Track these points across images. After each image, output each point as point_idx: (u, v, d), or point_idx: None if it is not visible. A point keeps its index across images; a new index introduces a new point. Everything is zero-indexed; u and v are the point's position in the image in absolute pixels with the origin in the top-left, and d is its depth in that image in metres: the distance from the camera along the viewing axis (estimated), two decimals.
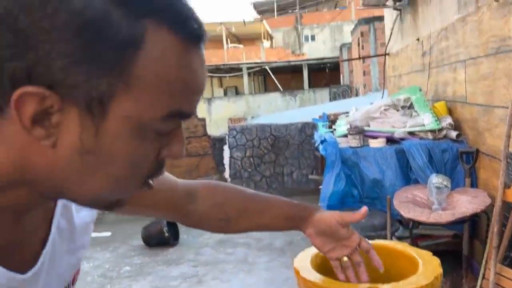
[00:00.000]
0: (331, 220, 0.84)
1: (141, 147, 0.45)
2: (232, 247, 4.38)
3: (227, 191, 0.88)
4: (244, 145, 6.19)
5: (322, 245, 0.87)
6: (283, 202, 0.89)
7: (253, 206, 0.88)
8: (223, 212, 0.86)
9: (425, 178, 2.79)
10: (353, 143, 3.06)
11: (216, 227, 0.90)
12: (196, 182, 0.89)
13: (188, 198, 0.84)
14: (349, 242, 0.86)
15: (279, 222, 0.89)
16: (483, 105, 2.65)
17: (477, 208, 2.31)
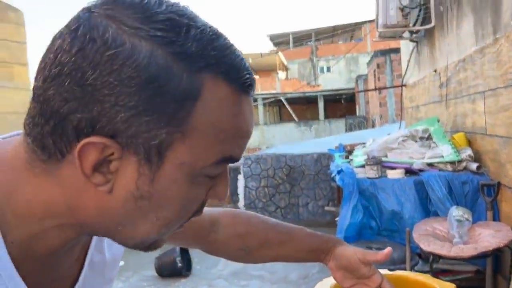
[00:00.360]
0: (353, 257, 0.82)
1: (193, 191, 0.47)
2: (246, 280, 4.29)
3: (249, 221, 0.87)
4: (259, 175, 6.18)
5: (343, 280, 0.85)
6: (305, 234, 0.87)
7: (275, 237, 0.86)
8: (244, 243, 0.86)
9: (445, 211, 2.72)
10: (370, 174, 3.02)
11: (235, 256, 0.89)
12: (218, 211, 0.88)
13: (211, 227, 0.84)
14: (370, 282, 0.83)
15: (301, 255, 0.88)
16: (504, 136, 2.60)
17: (500, 242, 2.23)
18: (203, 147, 0.44)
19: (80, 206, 0.45)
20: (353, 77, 21.22)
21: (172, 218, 0.48)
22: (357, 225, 2.88)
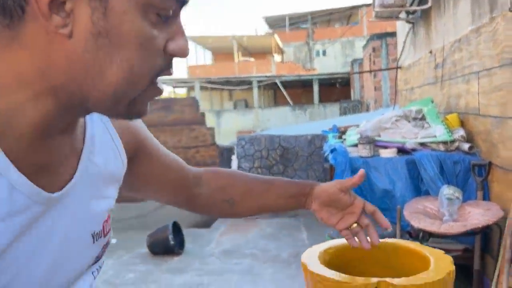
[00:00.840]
0: (331, 188, 0.86)
1: (148, 29, 0.49)
2: (238, 258, 4.33)
3: (230, 174, 0.91)
4: (252, 156, 6.18)
5: (329, 217, 0.88)
6: (285, 181, 0.91)
7: (256, 187, 0.89)
8: (227, 194, 0.88)
9: (436, 190, 2.74)
10: (363, 153, 3.03)
11: (220, 209, 0.91)
12: (201, 168, 0.91)
13: (195, 181, 0.87)
14: (354, 208, 0.87)
15: (283, 201, 0.90)
16: (497, 116, 2.60)
17: (489, 220, 2.25)
18: None
19: (49, 64, 0.47)
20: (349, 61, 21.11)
21: (135, 60, 0.48)
22: None
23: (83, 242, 0.61)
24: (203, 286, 3.67)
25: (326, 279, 0.84)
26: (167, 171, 0.81)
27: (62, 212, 0.56)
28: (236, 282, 3.73)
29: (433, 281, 0.80)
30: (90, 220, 0.62)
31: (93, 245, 0.63)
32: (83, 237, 0.61)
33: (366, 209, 0.87)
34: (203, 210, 0.90)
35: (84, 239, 0.61)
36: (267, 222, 5.58)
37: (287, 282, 3.61)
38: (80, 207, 0.59)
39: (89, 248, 0.62)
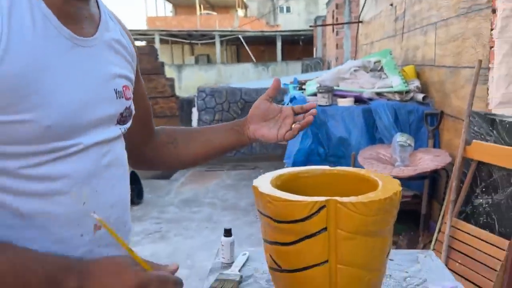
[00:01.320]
0: (258, 102, 0.94)
1: None
2: (197, 206, 4.36)
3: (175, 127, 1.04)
4: (213, 108, 6.11)
5: (270, 131, 0.94)
6: (219, 124, 1.02)
7: (195, 129, 1.01)
8: (171, 137, 0.97)
9: (390, 138, 2.82)
10: (322, 102, 3.05)
11: (168, 153, 0.97)
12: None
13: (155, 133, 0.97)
14: (285, 112, 0.93)
15: (222, 134, 0.97)
16: (451, 66, 2.67)
17: (438, 165, 2.36)
18: None
19: None
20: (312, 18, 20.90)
21: None
22: (305, 150, 2.94)
23: (108, 92, 0.71)
24: (161, 233, 3.69)
25: (276, 198, 0.84)
26: (144, 102, 0.91)
27: (85, 56, 0.67)
28: (195, 229, 3.78)
29: (380, 199, 0.82)
30: (110, 77, 0.72)
31: (116, 100, 0.73)
32: (107, 87, 0.71)
33: (295, 109, 0.94)
34: (150, 162, 0.98)
35: (108, 90, 0.71)
36: (227, 174, 5.62)
37: (245, 229, 3.69)
38: (101, 61, 0.71)
39: (114, 102, 0.72)
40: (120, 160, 0.76)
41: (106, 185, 0.70)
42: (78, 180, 0.65)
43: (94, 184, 0.67)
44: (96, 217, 0.61)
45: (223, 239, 1.21)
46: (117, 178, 0.73)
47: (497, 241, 1.95)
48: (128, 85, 0.78)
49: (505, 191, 2.01)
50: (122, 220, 0.75)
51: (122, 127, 0.76)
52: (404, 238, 2.99)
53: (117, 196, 0.73)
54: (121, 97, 0.74)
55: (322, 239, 0.82)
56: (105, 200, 0.70)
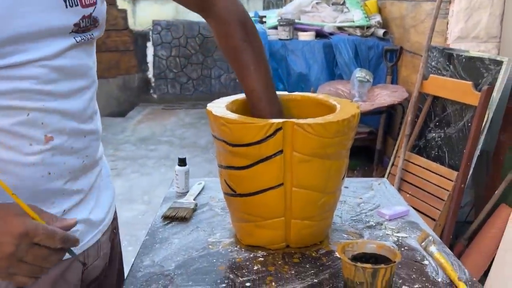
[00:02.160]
0: None
1: None
2: (154, 144, 4.28)
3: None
4: (169, 43, 5.85)
5: None
6: None
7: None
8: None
9: (349, 74, 2.81)
10: (282, 35, 2.96)
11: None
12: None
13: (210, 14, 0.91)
14: None
15: None
16: (413, 0, 2.63)
17: (394, 100, 2.38)
18: None
19: None
20: None
21: None
22: None
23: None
24: (117, 170, 3.62)
25: (230, 121, 0.80)
26: None
27: None
28: (152, 166, 3.73)
29: (338, 120, 0.79)
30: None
31: (65, 10, 0.64)
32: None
33: None
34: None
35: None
36: (186, 112, 5.52)
37: (204, 165, 3.68)
38: None
39: (60, 11, 0.63)
40: (79, 71, 0.69)
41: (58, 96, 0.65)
42: (23, 96, 0.61)
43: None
44: None
45: (177, 168, 1.17)
46: (76, 89, 0.68)
47: (446, 172, 2.03)
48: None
49: (457, 125, 2.07)
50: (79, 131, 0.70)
51: (80, 36, 0.67)
52: (358, 173, 3.08)
53: (74, 106, 0.68)
54: (74, 5, 0.65)
55: (278, 162, 0.80)
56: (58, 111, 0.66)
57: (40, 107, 0.63)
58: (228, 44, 0.90)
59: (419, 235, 0.92)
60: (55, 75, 0.64)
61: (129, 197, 3.13)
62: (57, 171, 0.67)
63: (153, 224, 1.00)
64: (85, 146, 0.72)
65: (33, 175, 0.64)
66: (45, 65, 0.63)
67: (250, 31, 0.90)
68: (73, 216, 0.69)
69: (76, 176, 0.71)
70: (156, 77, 5.95)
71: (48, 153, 0.65)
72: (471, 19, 2.13)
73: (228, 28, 0.89)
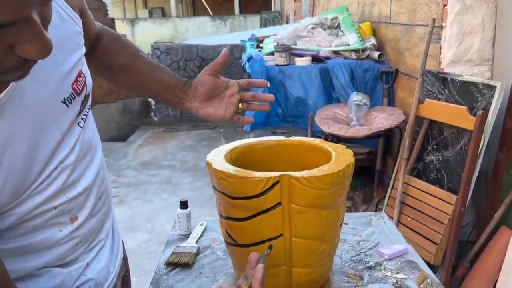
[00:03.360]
0: (203, 76, 0.87)
1: None
2: (156, 169, 4.31)
3: (125, 44, 0.92)
4: (169, 66, 5.91)
5: (216, 110, 0.88)
6: (168, 71, 0.92)
7: (140, 64, 0.90)
8: (110, 61, 0.89)
9: (346, 97, 2.84)
10: (279, 61, 3.01)
11: (103, 72, 0.91)
12: (102, 27, 0.92)
13: (96, 37, 0.88)
14: (232, 89, 0.88)
15: (159, 87, 0.89)
16: (406, 24, 2.68)
17: (392, 124, 2.41)
18: None
19: None
20: None
21: None
22: (263, 112, 2.92)
23: (56, 112, 0.62)
24: (120, 197, 3.64)
25: (229, 175, 0.83)
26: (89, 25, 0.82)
27: (28, 87, 0.56)
28: (154, 192, 3.75)
29: (333, 172, 0.82)
30: (55, 91, 0.62)
31: (68, 109, 0.64)
32: (54, 107, 0.62)
33: (241, 84, 0.89)
34: (93, 68, 0.86)
35: (56, 108, 0.62)
36: (186, 134, 5.56)
37: (206, 189, 3.70)
38: (43, 79, 0.59)
39: (65, 114, 0.63)
40: (88, 148, 0.70)
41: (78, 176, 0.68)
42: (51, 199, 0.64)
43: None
44: None
45: (179, 211, 1.20)
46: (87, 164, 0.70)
47: (446, 196, 2.04)
48: (79, 68, 0.67)
49: (454, 148, 2.09)
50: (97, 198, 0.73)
51: (82, 119, 0.68)
52: (360, 193, 3.10)
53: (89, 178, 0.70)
54: (72, 100, 0.64)
55: (277, 213, 0.82)
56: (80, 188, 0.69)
57: (65, 200, 0.65)
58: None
59: (417, 277, 0.94)
60: (71, 168, 0.66)
61: (132, 225, 3.14)
62: (83, 239, 0.70)
63: (157, 272, 1.02)
64: (102, 206, 0.75)
65: (63, 249, 0.67)
66: (64, 167, 0.64)
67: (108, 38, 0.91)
68: (94, 266, 0.73)
69: (97, 233, 0.75)
70: None
71: (75, 231, 0.68)
72: (463, 44, 2.17)
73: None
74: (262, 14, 17.86)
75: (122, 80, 0.91)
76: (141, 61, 0.90)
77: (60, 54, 0.64)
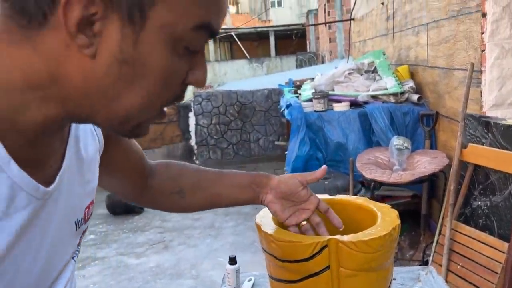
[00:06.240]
0: (292, 180, 0.85)
1: (174, 62, 0.47)
2: (198, 214, 4.39)
3: (181, 165, 0.89)
4: (210, 112, 6.13)
5: (282, 211, 0.86)
6: (236, 171, 0.88)
7: (206, 176, 0.87)
8: (177, 185, 0.85)
9: (386, 141, 2.85)
10: (317, 107, 3.07)
11: (171, 202, 0.87)
12: (154, 161, 0.89)
13: (150, 172, 0.85)
14: (308, 205, 0.86)
15: (235, 190, 0.86)
16: (444, 68, 2.70)
17: (435, 168, 2.38)
18: (181, 9, 0.44)
19: (63, 74, 0.44)
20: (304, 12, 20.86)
21: (153, 90, 0.47)
22: (304, 157, 2.96)
23: (69, 231, 0.59)
24: (165, 243, 3.72)
25: (279, 239, 0.87)
26: (130, 159, 0.80)
27: (55, 205, 0.54)
28: (197, 237, 3.81)
29: (380, 236, 0.84)
30: (75, 208, 0.60)
31: (75, 232, 0.61)
32: (69, 227, 0.59)
33: (319, 207, 0.87)
34: (152, 202, 0.87)
35: (70, 228, 0.59)
36: None
37: (248, 234, 3.72)
38: (68, 197, 0.58)
39: (73, 236, 0.61)
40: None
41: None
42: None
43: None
44: None
45: (229, 267, 1.24)
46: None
47: (497, 243, 1.98)
48: (92, 198, 0.66)
49: (503, 194, 2.04)
50: None
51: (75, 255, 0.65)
52: (406, 238, 3.03)
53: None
54: (81, 225, 0.62)
55: (326, 277, 0.85)
56: None
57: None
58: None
59: None
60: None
61: (178, 271, 3.19)
62: None
63: None
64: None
65: None
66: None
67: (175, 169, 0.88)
68: None
69: None
70: (199, 145, 6.19)
71: None
72: (504, 88, 2.16)
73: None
74: (297, 55, 18.23)
75: (197, 200, 0.87)
76: (208, 173, 0.87)
77: (89, 172, 0.64)
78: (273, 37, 21.86)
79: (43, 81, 0.45)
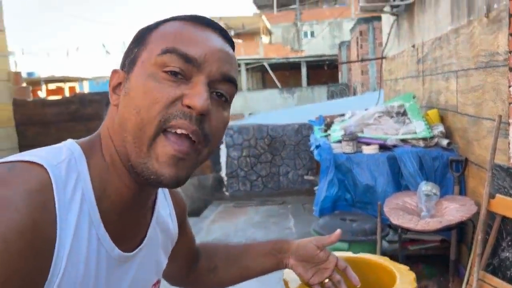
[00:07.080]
0: (309, 245, 0.95)
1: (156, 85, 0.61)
2: None
3: (214, 244, 1.04)
4: (241, 145, 6.27)
5: (305, 272, 0.95)
6: (260, 242, 1.01)
7: (235, 250, 1.00)
8: (212, 262, 0.98)
9: (415, 185, 2.88)
10: (347, 149, 3.15)
11: (205, 282, 0.99)
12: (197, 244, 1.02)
13: (197, 255, 0.99)
14: (328, 264, 0.95)
15: (261, 260, 0.97)
16: (473, 115, 2.73)
17: (463, 216, 2.40)
18: (154, 44, 0.64)
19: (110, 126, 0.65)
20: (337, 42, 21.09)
21: (142, 105, 0.61)
22: (332, 197, 3.03)
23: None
24: None
25: None
26: (188, 246, 0.94)
27: (128, 270, 0.68)
28: None
29: None
30: (147, 279, 0.74)
31: None
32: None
33: (338, 265, 0.95)
34: (196, 283, 0.99)
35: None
36: (255, 210, 5.73)
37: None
38: (139, 269, 0.70)
39: None
40: None
41: None
42: None
43: None
44: None
45: None
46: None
47: None
48: (159, 277, 0.79)
49: None
50: None
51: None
52: (434, 283, 3.01)
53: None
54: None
55: None
56: None
57: None
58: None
59: None
60: None
61: None
62: None
63: None
64: None
65: None
66: None
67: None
68: None
69: None
70: (229, 176, 6.32)
71: None
72: None
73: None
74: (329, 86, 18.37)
75: (229, 275, 0.98)
76: (235, 248, 1.00)
77: (163, 255, 0.77)
78: (305, 67, 22.13)
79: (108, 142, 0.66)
